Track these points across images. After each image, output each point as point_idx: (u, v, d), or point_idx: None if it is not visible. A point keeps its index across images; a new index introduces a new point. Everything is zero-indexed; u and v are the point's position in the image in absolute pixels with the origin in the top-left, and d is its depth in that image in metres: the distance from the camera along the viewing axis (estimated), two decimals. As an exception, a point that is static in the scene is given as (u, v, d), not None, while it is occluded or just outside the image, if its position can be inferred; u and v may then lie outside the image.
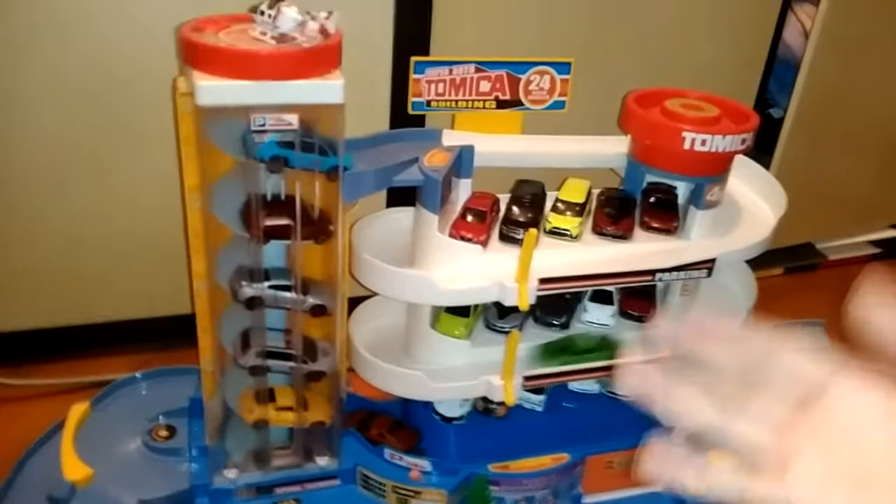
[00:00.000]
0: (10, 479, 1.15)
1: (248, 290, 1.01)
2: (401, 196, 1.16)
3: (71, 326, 1.46)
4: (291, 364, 1.08)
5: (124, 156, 1.33)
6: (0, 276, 1.38)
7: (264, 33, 0.91)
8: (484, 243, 1.09)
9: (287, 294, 1.03)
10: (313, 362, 1.08)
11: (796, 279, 1.93)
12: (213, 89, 0.87)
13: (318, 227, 1.00)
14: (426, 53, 1.36)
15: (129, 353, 1.48)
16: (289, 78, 0.89)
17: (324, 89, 0.90)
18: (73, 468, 1.14)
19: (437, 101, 1.15)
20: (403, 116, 1.21)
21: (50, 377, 1.42)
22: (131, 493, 1.13)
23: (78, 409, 1.24)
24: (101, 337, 1.47)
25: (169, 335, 1.46)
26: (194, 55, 0.89)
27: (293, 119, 0.91)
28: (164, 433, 1.22)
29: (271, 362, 1.07)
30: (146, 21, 1.23)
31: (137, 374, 1.31)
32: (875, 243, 2.07)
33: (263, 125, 0.90)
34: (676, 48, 1.56)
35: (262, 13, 0.91)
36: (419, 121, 1.31)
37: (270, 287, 1.02)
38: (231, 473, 1.14)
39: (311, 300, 1.04)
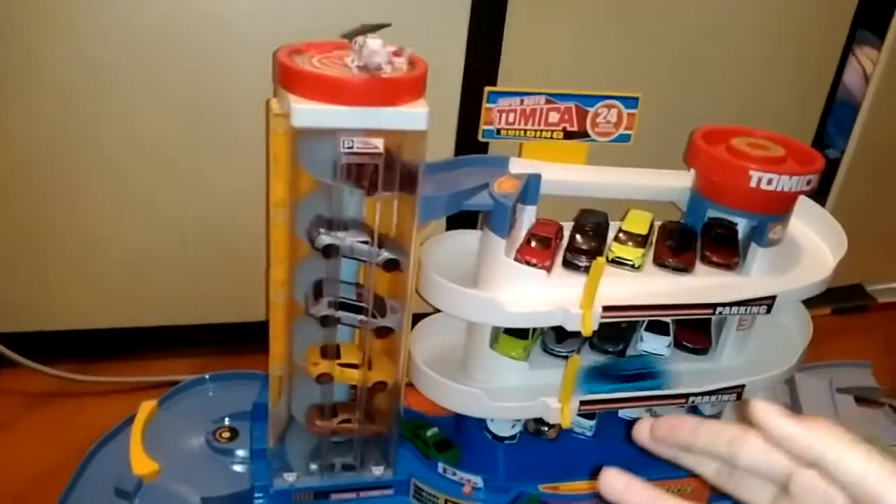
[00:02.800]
0: (79, 471, 1.20)
1: (326, 238, 1.02)
2: (459, 219, 1.20)
3: (138, 328, 1.52)
4: (361, 317, 1.08)
5: (204, 165, 1.40)
6: (77, 277, 1.45)
7: (352, 61, 0.95)
8: (548, 269, 1.12)
9: (363, 245, 1.04)
10: (382, 317, 1.09)
11: (845, 320, 1.93)
12: (308, 112, 0.92)
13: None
14: (494, 84, 1.41)
15: (191, 356, 1.54)
16: (378, 105, 0.94)
17: (410, 116, 0.95)
18: (142, 463, 1.19)
19: (507, 129, 1.19)
20: (468, 143, 1.26)
21: (117, 375, 1.47)
22: (195, 490, 1.18)
23: (146, 407, 1.29)
24: (166, 339, 1.53)
25: (230, 341, 1.52)
26: (290, 79, 0.94)
27: (379, 143, 0.96)
28: (226, 434, 1.27)
29: (342, 314, 1.07)
30: (241, 40, 1.29)
31: (206, 376, 1.37)
32: (926, 287, 2.06)
33: (351, 147, 0.95)
34: (738, 86, 1.59)
35: (353, 42, 0.96)
36: (483, 148, 1.35)
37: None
38: (290, 477, 1.18)
39: (386, 254, 1.05)
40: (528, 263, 1.12)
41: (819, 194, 1.77)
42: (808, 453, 0.41)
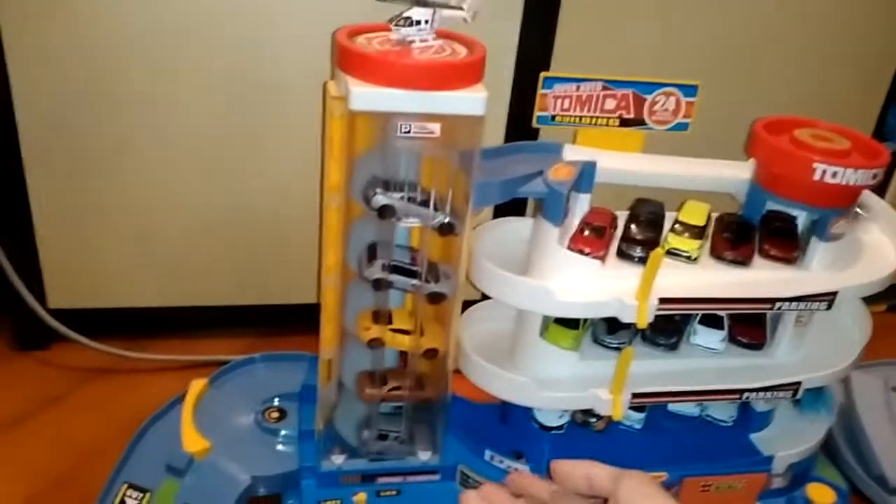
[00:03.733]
0: (130, 447, 1.23)
1: (382, 198, 1.01)
2: (507, 208, 1.19)
3: (188, 307, 1.54)
4: (415, 282, 1.07)
5: (256, 146, 1.40)
6: (129, 255, 1.47)
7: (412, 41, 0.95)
8: (602, 259, 1.11)
9: (420, 208, 1.03)
10: (436, 283, 1.08)
11: (901, 317, 1.88)
12: (366, 95, 0.91)
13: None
14: (547, 69, 1.39)
15: (239, 337, 1.56)
16: (436, 89, 0.93)
17: (468, 101, 0.94)
18: (193, 440, 1.21)
19: (562, 115, 1.17)
20: (519, 128, 1.24)
21: (166, 353, 1.50)
22: (245, 468, 1.19)
23: (197, 385, 1.31)
24: (213, 319, 1.55)
25: (275, 323, 1.53)
26: (349, 61, 0.94)
27: (436, 127, 0.95)
28: (275, 415, 1.28)
29: (395, 277, 1.06)
30: (296, 22, 1.29)
31: (256, 356, 1.38)
32: None
33: (408, 132, 0.94)
34: (799, 76, 1.55)
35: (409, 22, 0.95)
36: (534, 135, 1.34)
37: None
38: (338, 459, 1.19)
39: (441, 217, 1.03)
40: (581, 252, 1.10)
41: (877, 189, 1.72)
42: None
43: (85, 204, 1.41)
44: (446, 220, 1.04)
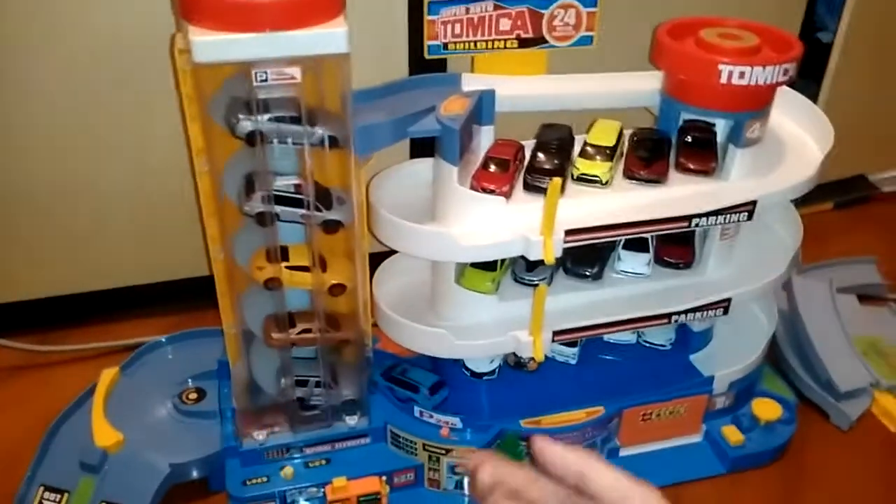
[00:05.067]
0: (43, 446, 1.16)
1: (247, 124, 0.89)
2: (426, 147, 1.10)
3: (96, 291, 1.46)
4: (303, 210, 0.97)
5: (138, 119, 1.30)
6: (23, 244, 1.37)
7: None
8: (507, 194, 1.03)
9: (293, 126, 0.91)
10: (328, 210, 0.98)
11: (847, 214, 1.83)
12: (210, 44, 0.82)
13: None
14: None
15: (156, 317, 1.48)
16: (290, 28, 0.83)
17: (327, 38, 0.84)
18: (105, 434, 1.14)
19: (455, 42, 1.08)
20: (422, 63, 1.15)
21: (77, 342, 1.42)
22: (163, 456, 1.13)
23: (108, 375, 1.24)
24: (127, 301, 1.47)
25: (195, 296, 1.45)
26: (189, 8, 0.84)
27: (296, 72, 0.86)
28: (193, 396, 1.22)
29: (279, 208, 0.96)
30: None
31: (163, 338, 1.31)
32: (932, 173, 1.95)
33: (266, 80, 0.85)
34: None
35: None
36: (441, 66, 1.24)
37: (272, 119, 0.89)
38: (260, 435, 1.13)
39: (321, 131, 0.92)
40: (484, 190, 1.03)
41: (811, 82, 1.65)
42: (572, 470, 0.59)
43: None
44: (328, 133, 0.93)
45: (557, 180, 0.94)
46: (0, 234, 1.35)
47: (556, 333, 1.08)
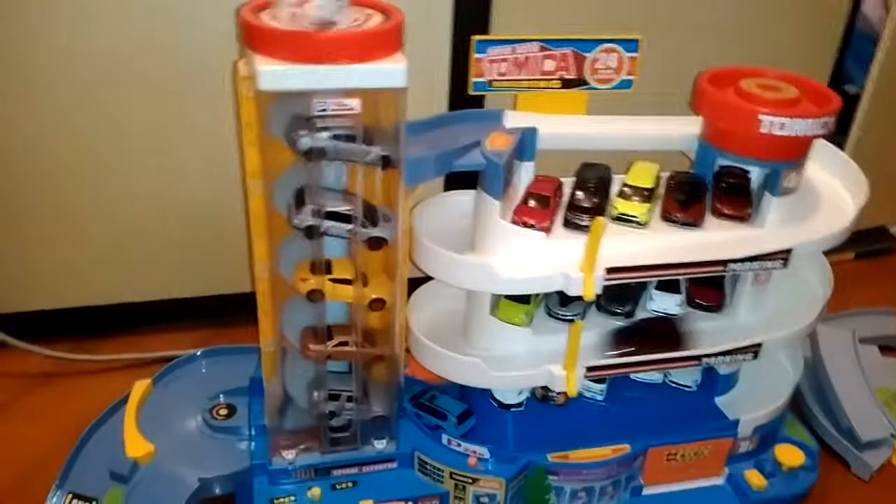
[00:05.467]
0: (73, 454, 1.17)
1: (307, 141, 0.91)
2: (459, 178, 1.12)
3: (128, 304, 1.48)
4: (350, 226, 0.98)
5: (183, 137, 1.33)
6: (64, 253, 1.40)
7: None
8: (547, 230, 1.06)
9: (350, 145, 0.93)
10: (374, 227, 0.99)
11: (868, 265, 1.85)
12: (275, 74, 0.85)
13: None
14: (486, 32, 1.33)
15: (188, 330, 1.50)
16: (352, 61, 0.86)
17: (387, 73, 0.88)
18: (136, 445, 1.16)
19: (500, 80, 1.11)
20: (463, 97, 1.18)
21: (108, 353, 1.44)
22: (192, 470, 1.14)
23: (140, 386, 1.26)
24: (158, 315, 1.49)
25: (228, 313, 1.47)
26: (254, 38, 0.87)
27: (355, 104, 0.89)
28: (223, 412, 1.24)
29: (328, 223, 0.98)
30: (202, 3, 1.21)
31: (198, 352, 1.33)
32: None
33: (325, 110, 0.88)
34: (748, 22, 1.49)
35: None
36: (479, 102, 1.27)
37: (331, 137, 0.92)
38: (290, 454, 1.14)
39: (377, 151, 0.94)
40: (525, 225, 1.05)
41: (838, 133, 1.68)
42: None
43: (6, 205, 1.34)
44: (383, 153, 0.95)
45: (601, 220, 0.96)
46: (36, 243, 1.39)
47: (588, 369, 1.09)
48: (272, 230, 0.99)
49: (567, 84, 1.13)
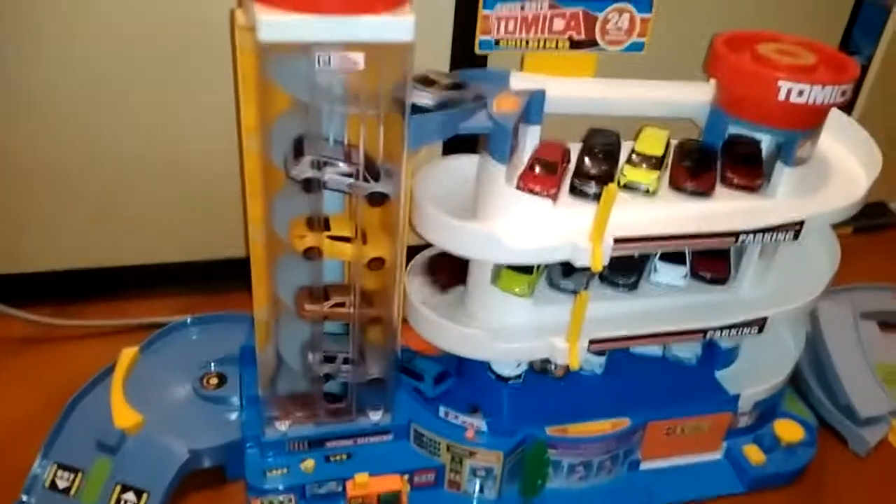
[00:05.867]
0: (59, 424, 1.13)
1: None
2: (456, 143, 1.08)
3: (114, 267, 1.43)
4: (351, 180, 0.93)
5: (173, 95, 1.28)
6: (48, 214, 1.35)
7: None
8: (554, 197, 1.02)
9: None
10: (376, 181, 0.94)
11: (866, 239, 1.83)
12: (277, 24, 0.80)
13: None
14: (492, -13, 1.27)
15: (176, 296, 1.45)
16: (357, 13, 0.81)
17: (394, 26, 0.83)
18: (124, 415, 1.12)
19: (507, 39, 1.07)
20: (465, 55, 1.14)
21: (98, 318, 1.39)
22: (182, 441, 1.11)
23: (128, 354, 1.22)
24: (144, 279, 1.45)
25: (219, 278, 1.43)
26: (254, -15, 0.82)
27: (359, 58, 0.84)
28: (214, 381, 1.20)
29: (328, 175, 0.92)
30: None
31: (188, 319, 1.28)
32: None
33: (328, 64, 0.83)
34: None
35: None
36: (482, 62, 1.23)
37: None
38: (283, 425, 1.11)
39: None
40: (531, 192, 1.01)
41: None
42: None
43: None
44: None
45: (613, 187, 0.92)
46: (21, 203, 1.33)
47: (591, 342, 1.06)
48: (268, 187, 0.94)
49: (576, 45, 1.09)
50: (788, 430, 1.25)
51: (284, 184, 0.94)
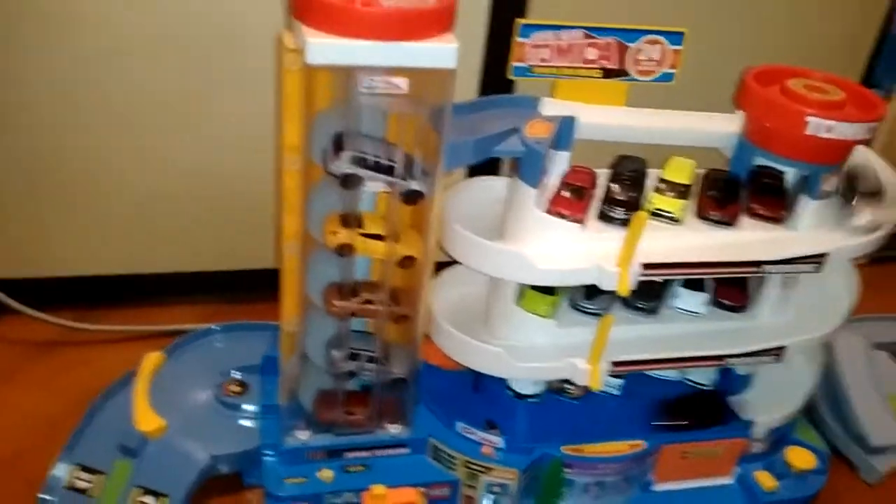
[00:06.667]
0: (82, 425, 1.15)
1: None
2: (482, 165, 1.10)
3: (139, 274, 1.45)
4: (389, 178, 0.94)
5: (209, 108, 1.30)
6: (79, 220, 1.37)
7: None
8: (582, 221, 1.04)
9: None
10: (412, 180, 0.95)
11: (881, 270, 1.83)
12: (324, 48, 0.82)
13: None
14: (523, 16, 1.29)
15: (198, 304, 1.47)
16: (402, 39, 0.83)
17: (438, 52, 0.85)
18: (147, 419, 1.14)
19: (541, 67, 1.08)
20: (494, 81, 1.16)
21: (121, 323, 1.41)
22: (203, 447, 1.13)
23: (152, 358, 1.23)
24: (173, 286, 1.46)
25: (244, 288, 1.45)
26: (305, 9, 0.84)
27: (403, 83, 0.86)
28: (235, 388, 1.21)
29: (366, 172, 0.93)
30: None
31: (214, 326, 1.30)
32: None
33: (372, 88, 0.85)
34: (786, 23, 1.47)
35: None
36: (508, 88, 1.25)
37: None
38: (303, 434, 1.13)
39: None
40: (560, 215, 1.03)
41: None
42: None
43: (30, 169, 1.30)
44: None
45: (643, 214, 0.94)
46: (52, 209, 1.35)
47: (614, 364, 1.08)
48: (305, 190, 0.95)
49: (607, 74, 1.10)
50: (800, 458, 1.26)
51: (318, 179, 0.95)
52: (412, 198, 0.97)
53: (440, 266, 1.19)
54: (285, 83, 0.87)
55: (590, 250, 1.01)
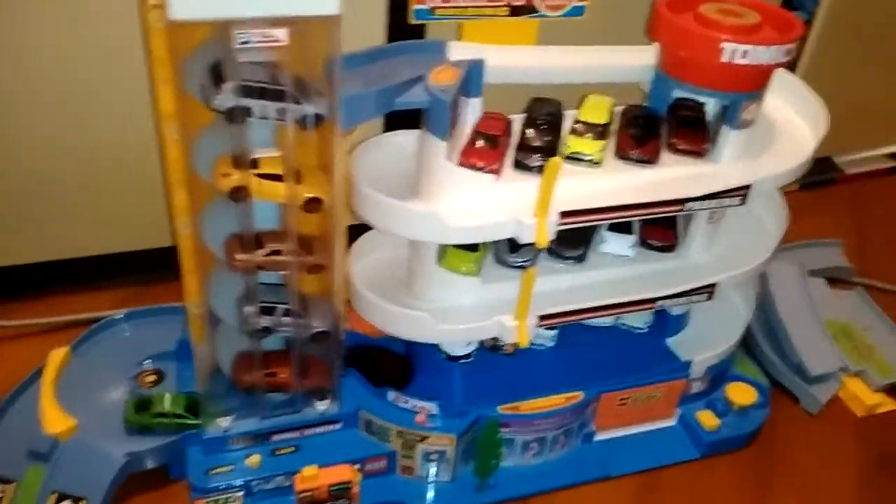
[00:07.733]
0: (-11, 431, 1.07)
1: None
2: (398, 117, 1.03)
3: (41, 262, 1.35)
4: (281, 104, 0.84)
5: (102, 84, 1.19)
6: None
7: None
8: (497, 172, 0.98)
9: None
10: (307, 104, 0.85)
11: (813, 195, 1.84)
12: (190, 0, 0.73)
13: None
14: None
15: (109, 289, 1.38)
16: (275, -16, 0.75)
17: (317, -2, 0.77)
18: (55, 420, 1.06)
19: (443, 8, 1.01)
20: (402, 28, 1.08)
21: (24, 317, 1.32)
22: (119, 444, 1.06)
23: (57, 355, 1.15)
24: (74, 274, 1.37)
25: (152, 268, 1.36)
26: (161, -43, 0.75)
27: (282, 34, 0.78)
28: (151, 378, 1.14)
29: (252, 102, 0.82)
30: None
31: (119, 315, 1.22)
32: (894, 156, 1.97)
33: (247, 42, 0.77)
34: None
35: None
36: (419, 33, 1.17)
37: None
38: (225, 422, 1.07)
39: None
40: (473, 167, 0.97)
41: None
42: None
43: None
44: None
45: (557, 160, 0.89)
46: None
47: (541, 318, 1.04)
48: (190, 126, 0.85)
49: (515, 12, 1.04)
50: (741, 393, 1.25)
51: (205, 119, 0.85)
52: (312, 123, 0.86)
53: (358, 230, 1.13)
54: (152, 44, 0.79)
55: (507, 202, 0.96)
